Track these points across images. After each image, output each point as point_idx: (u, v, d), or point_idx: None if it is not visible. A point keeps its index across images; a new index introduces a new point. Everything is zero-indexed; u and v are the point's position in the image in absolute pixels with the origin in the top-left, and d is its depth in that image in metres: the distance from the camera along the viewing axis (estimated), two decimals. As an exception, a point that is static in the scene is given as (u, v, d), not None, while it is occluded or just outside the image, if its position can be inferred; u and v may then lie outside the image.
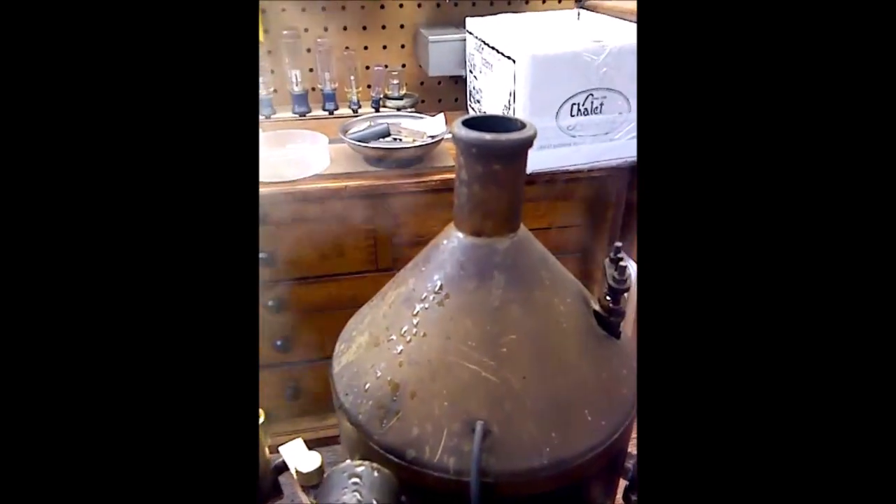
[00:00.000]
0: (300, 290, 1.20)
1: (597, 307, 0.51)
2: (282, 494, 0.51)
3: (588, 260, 1.35)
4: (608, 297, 0.49)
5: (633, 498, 0.53)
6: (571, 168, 1.13)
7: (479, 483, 0.40)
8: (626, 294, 0.49)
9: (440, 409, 0.43)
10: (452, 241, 0.46)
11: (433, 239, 0.49)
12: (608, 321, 0.49)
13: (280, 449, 0.51)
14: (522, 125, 0.42)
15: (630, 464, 0.51)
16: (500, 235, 0.45)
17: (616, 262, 0.48)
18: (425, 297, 0.46)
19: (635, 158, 1.15)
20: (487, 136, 0.40)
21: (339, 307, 1.23)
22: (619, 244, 0.49)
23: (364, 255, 1.20)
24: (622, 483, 0.54)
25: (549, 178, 1.16)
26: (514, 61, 1.04)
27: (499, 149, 0.41)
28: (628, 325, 1.49)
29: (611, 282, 0.48)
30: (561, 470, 0.42)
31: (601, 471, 0.47)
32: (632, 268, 1.34)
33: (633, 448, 0.55)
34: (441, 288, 0.45)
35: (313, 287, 1.22)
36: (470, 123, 0.43)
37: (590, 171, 1.16)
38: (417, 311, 0.46)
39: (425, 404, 0.44)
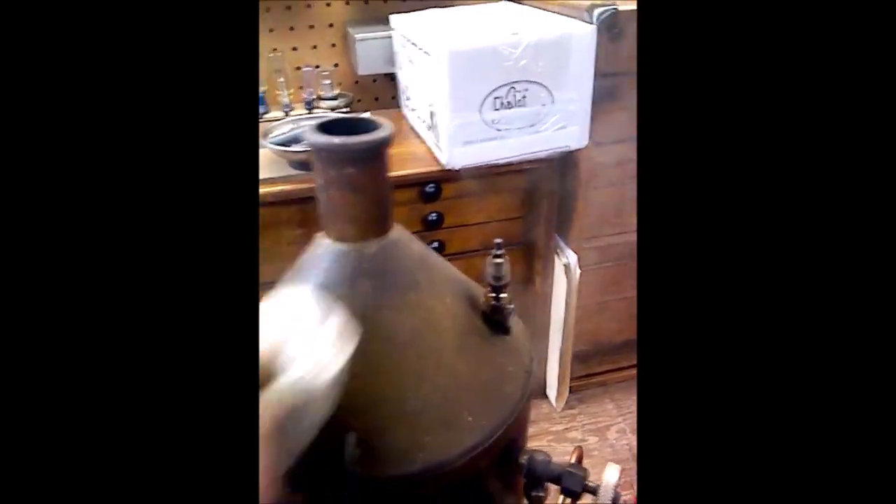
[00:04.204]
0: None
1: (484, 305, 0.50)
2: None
3: (530, 250, 1.36)
4: (491, 295, 0.49)
5: (534, 493, 0.53)
6: (501, 161, 1.13)
7: (351, 494, 0.39)
8: (506, 289, 0.49)
9: (314, 421, 0.42)
10: (319, 248, 0.45)
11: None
12: (493, 318, 0.49)
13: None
14: (377, 126, 0.41)
15: (524, 459, 0.51)
16: (367, 240, 0.44)
17: (495, 258, 0.48)
18: (298, 308, 0.45)
19: (564, 148, 1.15)
20: (336, 140, 0.39)
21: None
22: (498, 240, 0.48)
23: (294, 261, 1.18)
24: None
25: (481, 173, 1.16)
26: (433, 57, 1.03)
27: (348, 152, 0.40)
28: (566, 313, 1.49)
29: (490, 280, 0.48)
30: (437, 474, 0.42)
31: (489, 469, 0.46)
32: (570, 258, 1.35)
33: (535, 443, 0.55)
34: (311, 297, 0.44)
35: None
36: (326, 127, 0.41)
37: (520, 163, 1.16)
38: (292, 322, 0.45)
39: (299, 417, 0.42)
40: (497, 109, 1.06)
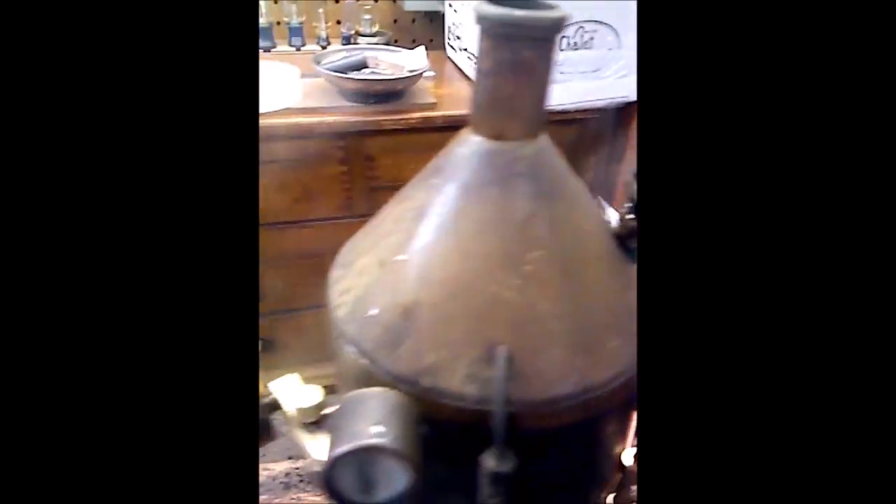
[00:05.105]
0: (268, 237, 1.12)
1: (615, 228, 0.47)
2: (274, 435, 0.46)
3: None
4: (630, 216, 0.45)
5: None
6: (559, 108, 1.08)
7: (504, 412, 0.36)
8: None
9: (457, 333, 0.39)
10: (469, 146, 0.41)
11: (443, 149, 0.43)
12: (627, 243, 0.46)
13: (270, 385, 0.45)
14: (548, 6, 0.37)
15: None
16: (525, 139, 0.40)
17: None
18: (439, 211, 0.41)
19: (623, 99, 1.11)
20: (519, 13, 0.35)
21: (311, 256, 1.16)
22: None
23: (338, 199, 1.13)
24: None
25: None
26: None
27: (532, 29, 0.35)
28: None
29: (635, 197, 0.44)
30: (586, 399, 0.39)
31: (620, 404, 0.44)
32: (611, 218, 1.32)
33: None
34: (457, 200, 0.40)
35: (282, 234, 1.14)
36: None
37: (576, 111, 1.11)
38: (430, 227, 0.41)
39: (441, 328, 0.39)
40: (563, 50, 1.01)
